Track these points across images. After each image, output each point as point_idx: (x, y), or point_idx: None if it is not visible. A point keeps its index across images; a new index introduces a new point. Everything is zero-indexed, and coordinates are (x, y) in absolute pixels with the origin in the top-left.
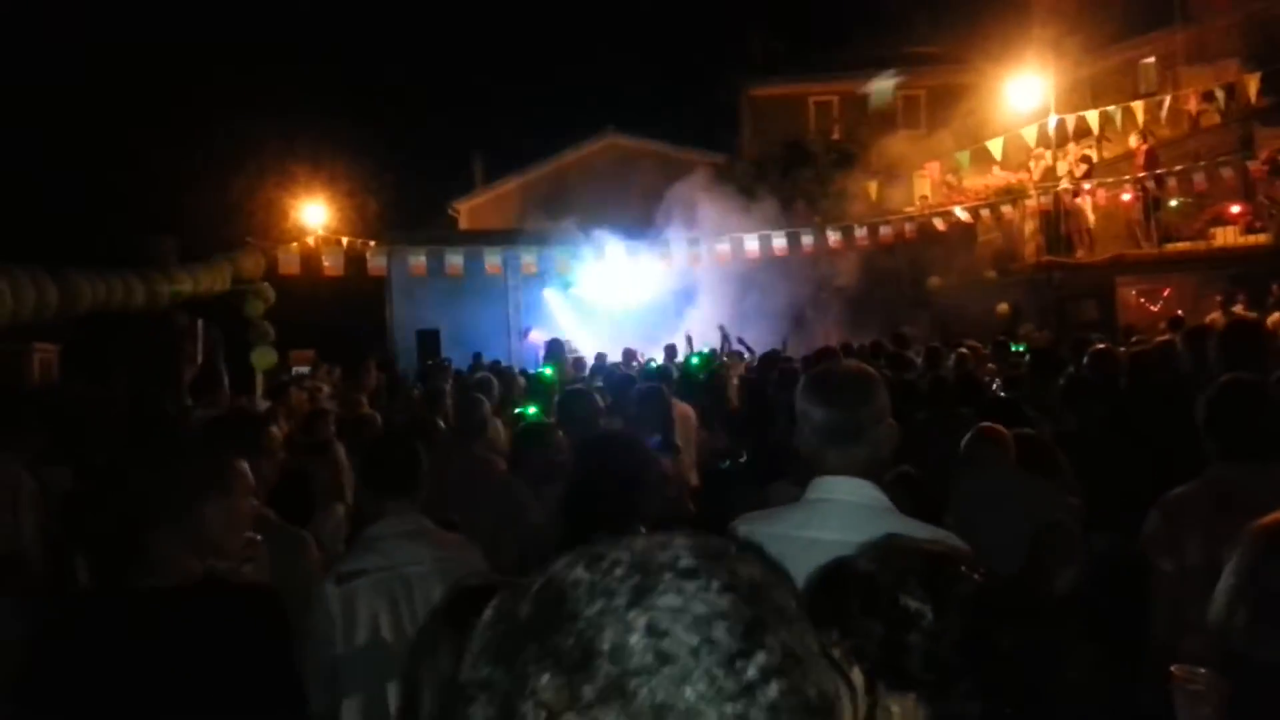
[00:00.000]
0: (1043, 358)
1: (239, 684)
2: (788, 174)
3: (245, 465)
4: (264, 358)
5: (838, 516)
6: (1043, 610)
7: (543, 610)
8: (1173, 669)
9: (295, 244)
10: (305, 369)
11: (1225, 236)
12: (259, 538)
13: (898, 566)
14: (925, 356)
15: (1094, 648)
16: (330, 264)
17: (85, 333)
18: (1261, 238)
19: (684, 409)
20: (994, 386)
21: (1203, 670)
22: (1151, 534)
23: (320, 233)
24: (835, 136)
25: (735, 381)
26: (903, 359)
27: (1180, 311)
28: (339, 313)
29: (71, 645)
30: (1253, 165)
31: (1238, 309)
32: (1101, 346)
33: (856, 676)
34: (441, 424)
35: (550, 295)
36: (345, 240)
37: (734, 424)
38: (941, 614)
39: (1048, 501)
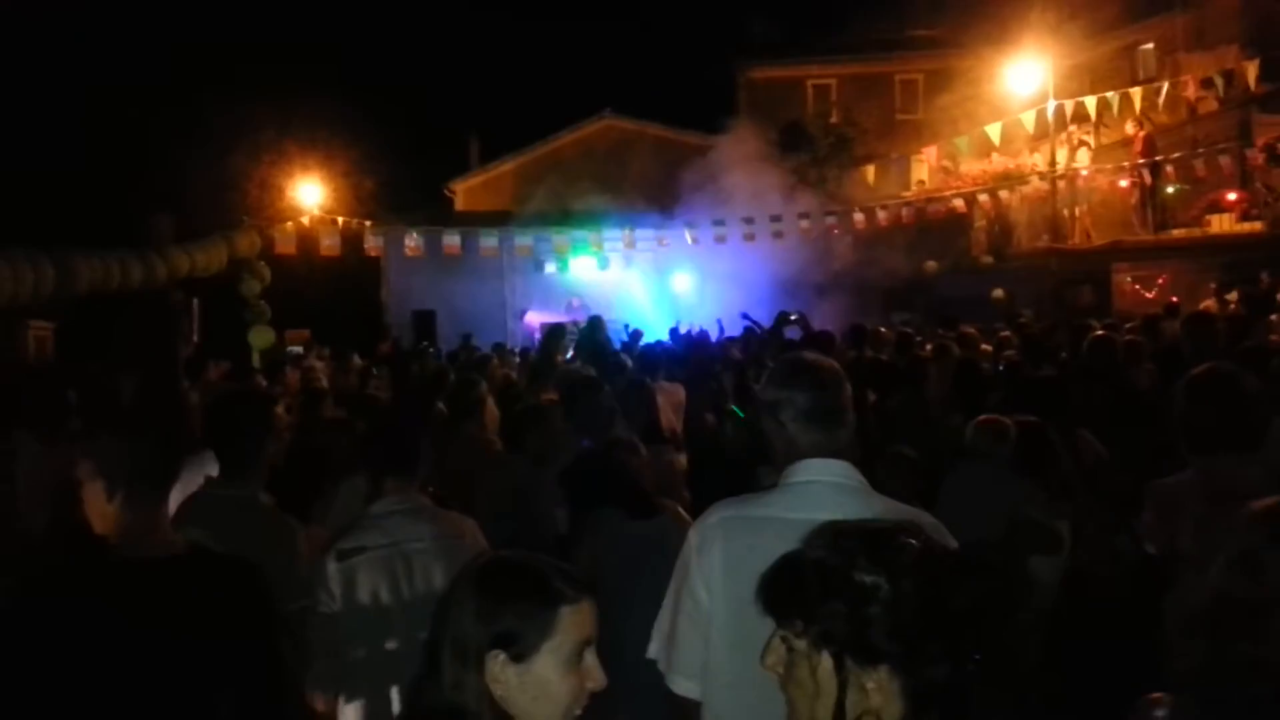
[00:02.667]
0: (1034, 344)
1: (221, 655)
2: (785, 157)
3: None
4: (261, 337)
5: (827, 497)
6: (983, 564)
7: None
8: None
9: (291, 223)
10: (299, 349)
11: (1221, 224)
12: None
13: (844, 547)
14: (895, 342)
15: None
16: (327, 244)
17: (80, 311)
18: (1257, 225)
19: (672, 391)
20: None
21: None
22: (1145, 524)
23: (316, 212)
24: (833, 120)
25: None
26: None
27: (1175, 298)
28: (334, 293)
29: (54, 611)
30: (1250, 153)
31: (1231, 297)
32: (1100, 333)
33: (825, 662)
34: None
35: (547, 276)
36: (341, 220)
37: None
38: (895, 583)
39: (1024, 498)
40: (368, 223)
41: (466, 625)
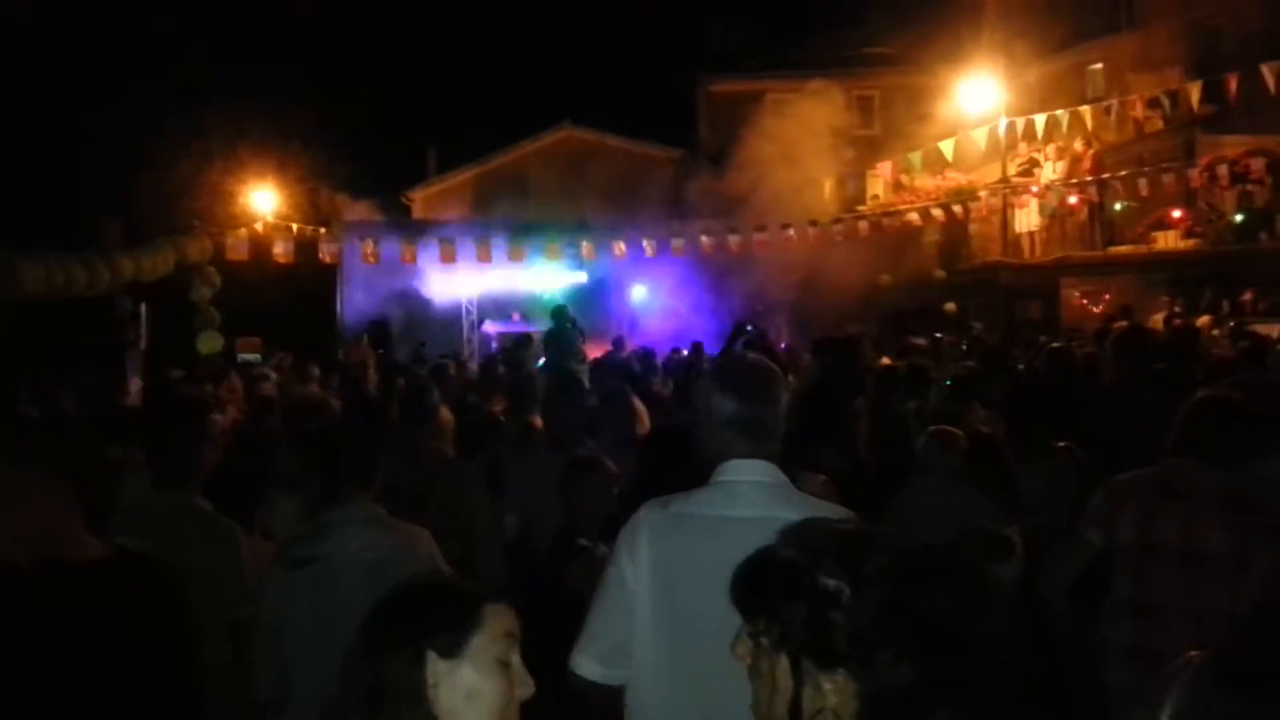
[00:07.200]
0: (992, 357)
1: (139, 661)
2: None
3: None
4: (209, 343)
5: (747, 496)
6: (949, 569)
7: None
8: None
9: (244, 229)
10: (254, 356)
11: (1166, 240)
12: None
13: (814, 549)
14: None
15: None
16: (280, 250)
17: (21, 316)
18: (1199, 242)
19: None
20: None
21: None
22: (1092, 509)
23: (270, 219)
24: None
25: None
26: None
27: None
28: (287, 300)
29: None
30: (1193, 172)
31: (1177, 309)
32: (1057, 346)
33: (783, 661)
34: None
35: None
36: (295, 226)
37: None
38: (858, 589)
39: (977, 512)
40: (322, 229)
41: (391, 631)
